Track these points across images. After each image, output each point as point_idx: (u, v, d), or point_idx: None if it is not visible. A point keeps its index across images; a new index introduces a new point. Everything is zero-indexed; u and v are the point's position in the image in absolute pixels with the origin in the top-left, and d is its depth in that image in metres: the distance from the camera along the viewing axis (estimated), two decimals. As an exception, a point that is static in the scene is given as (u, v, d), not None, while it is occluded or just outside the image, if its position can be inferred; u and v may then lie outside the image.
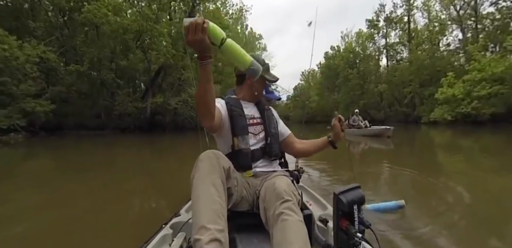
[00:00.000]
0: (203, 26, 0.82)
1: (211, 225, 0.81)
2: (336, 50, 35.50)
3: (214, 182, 0.90)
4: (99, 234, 2.02)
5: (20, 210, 2.63)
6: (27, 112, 10.48)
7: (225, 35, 0.88)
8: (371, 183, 3.53)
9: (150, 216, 2.52)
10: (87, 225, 2.23)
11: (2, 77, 9.91)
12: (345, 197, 0.87)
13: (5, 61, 9.51)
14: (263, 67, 1.28)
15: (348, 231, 0.85)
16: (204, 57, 0.89)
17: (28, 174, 4.79)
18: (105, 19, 12.41)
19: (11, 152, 7.93)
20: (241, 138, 1.23)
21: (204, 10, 21.59)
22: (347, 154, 5.79)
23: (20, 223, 2.27)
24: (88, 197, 3.11)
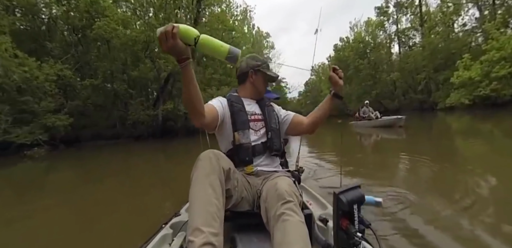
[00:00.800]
0: (173, 32, 0.84)
1: (205, 228, 0.81)
2: (346, 42, 34.75)
3: (212, 183, 0.90)
4: (105, 233, 2.23)
5: (41, 214, 3.01)
6: (48, 127, 11.21)
7: (198, 33, 0.91)
8: (376, 174, 3.49)
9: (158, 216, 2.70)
10: (97, 225, 2.47)
11: (24, 96, 10.69)
12: (345, 197, 0.87)
13: (26, 81, 10.25)
14: (263, 64, 1.38)
15: (348, 230, 0.85)
16: (181, 60, 0.91)
17: (51, 184, 5.28)
18: (114, 34, 13.03)
19: (36, 165, 8.53)
20: (242, 132, 1.24)
21: (210, 15, 21.98)
22: (341, 141, 5.81)
23: (41, 224, 2.63)
24: (101, 202, 3.38)
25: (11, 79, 9.69)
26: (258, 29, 40.65)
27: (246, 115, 1.29)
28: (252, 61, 1.40)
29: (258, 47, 36.14)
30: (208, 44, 0.91)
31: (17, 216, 3.00)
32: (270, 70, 1.41)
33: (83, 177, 5.95)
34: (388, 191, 2.65)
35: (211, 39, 0.92)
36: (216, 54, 0.93)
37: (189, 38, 0.89)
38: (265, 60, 1.42)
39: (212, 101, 1.27)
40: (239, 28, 31.69)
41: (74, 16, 14.16)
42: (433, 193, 2.53)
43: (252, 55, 1.44)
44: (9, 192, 4.84)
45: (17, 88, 10.47)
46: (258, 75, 1.38)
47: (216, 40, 0.93)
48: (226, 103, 1.31)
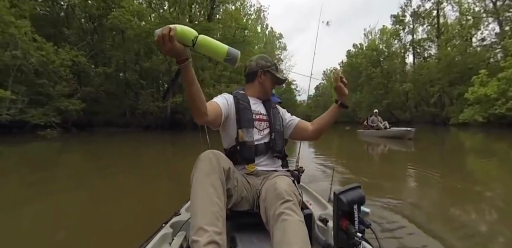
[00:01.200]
0: (170, 35, 0.84)
1: (209, 227, 0.81)
2: (359, 48, 34.31)
3: (214, 183, 0.91)
4: (107, 221, 2.28)
5: (48, 194, 3.16)
6: (61, 110, 11.59)
7: (196, 33, 0.90)
8: (378, 183, 3.45)
9: (162, 209, 2.75)
10: (100, 212, 2.54)
11: (41, 79, 11.09)
12: (345, 197, 0.87)
13: (43, 65, 10.61)
14: (273, 66, 1.39)
15: (348, 230, 0.85)
16: (181, 61, 0.91)
17: (62, 165, 5.50)
18: (128, 24, 13.31)
19: (48, 145, 8.83)
20: (246, 130, 1.25)
21: (224, 12, 22.13)
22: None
23: (48, 205, 2.74)
24: (107, 189, 3.49)
25: (29, 62, 10.07)
26: (271, 30, 40.58)
27: (251, 114, 1.30)
28: (261, 61, 1.41)
29: (270, 47, 36.13)
30: (207, 45, 0.90)
31: (26, 195, 3.16)
32: (279, 72, 1.42)
33: (91, 161, 6.13)
34: (387, 200, 2.62)
35: (209, 40, 0.91)
36: (215, 55, 0.92)
37: (187, 39, 0.88)
38: (274, 62, 1.43)
39: (216, 98, 1.27)
40: (253, 27, 31.81)
41: (92, 4, 14.55)
42: (437, 210, 2.46)
43: (262, 55, 1.45)
44: (23, 168, 5.10)
45: (35, 71, 10.87)
46: (267, 76, 1.39)
47: (215, 40, 0.92)
48: (232, 100, 1.31)
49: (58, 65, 11.04)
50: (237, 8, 23.16)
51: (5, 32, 9.31)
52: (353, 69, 34.06)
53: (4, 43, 9.56)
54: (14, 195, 3.14)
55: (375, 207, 2.37)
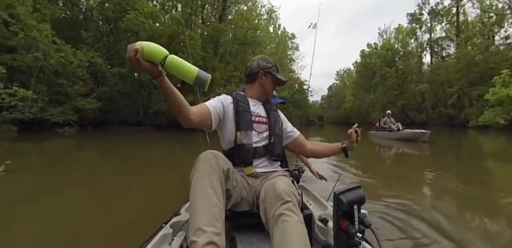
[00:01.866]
0: (136, 58, 0.85)
1: (208, 228, 0.82)
2: (373, 48, 33.50)
3: (213, 183, 0.91)
4: (115, 218, 2.38)
5: (62, 188, 3.38)
6: (79, 109, 12.17)
7: (166, 53, 0.89)
8: (388, 188, 3.32)
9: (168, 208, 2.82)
10: (108, 208, 2.66)
11: (60, 79, 11.70)
12: (345, 197, 0.87)
13: (62, 66, 11.19)
14: (273, 68, 1.37)
15: (348, 231, 0.85)
16: (154, 77, 0.92)
17: (77, 161, 5.79)
18: (142, 26, 13.74)
19: (66, 142, 9.29)
20: (245, 133, 1.23)
21: (235, 13, 22.33)
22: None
23: (61, 198, 2.95)
24: (114, 185, 3.65)
25: (49, 63, 10.65)
26: (284, 30, 40.39)
27: (250, 116, 1.29)
28: (262, 62, 1.39)
29: (282, 47, 35.99)
30: (176, 65, 0.90)
31: (43, 187, 3.41)
32: (280, 74, 1.40)
33: (103, 159, 6.38)
34: (392, 203, 2.58)
35: (179, 61, 0.91)
36: (184, 77, 0.91)
37: (155, 58, 0.88)
38: (275, 64, 1.41)
39: (210, 101, 1.27)
40: (265, 28, 31.86)
41: (108, 7, 15.14)
42: (448, 217, 2.27)
43: (263, 56, 1.42)
44: (42, 163, 5.43)
45: (55, 71, 11.48)
46: (268, 77, 1.37)
47: (185, 62, 0.91)
48: (230, 101, 1.31)
49: (76, 66, 11.61)
50: (249, 8, 23.28)
51: (28, 36, 9.92)
52: (367, 69, 33.34)
53: (27, 46, 10.18)
54: (31, 187, 3.37)
55: (379, 209, 2.34)
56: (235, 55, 20.39)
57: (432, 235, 1.85)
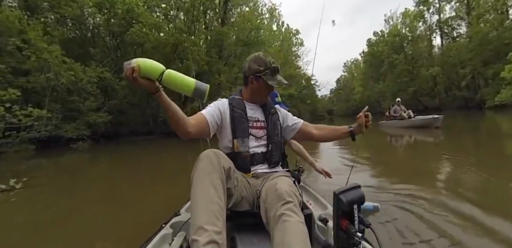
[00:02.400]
0: (133, 76, 0.86)
1: (209, 226, 0.81)
2: (380, 36, 32.75)
3: (214, 182, 0.90)
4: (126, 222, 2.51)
5: (77, 199, 3.59)
6: (91, 124, 12.63)
7: (163, 68, 0.90)
8: (396, 179, 3.19)
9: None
10: (120, 213, 2.82)
11: (72, 97, 12.20)
12: (345, 197, 0.87)
13: (73, 83, 11.68)
14: (266, 70, 1.24)
15: (348, 230, 0.85)
16: (151, 93, 0.93)
17: (91, 172, 6.11)
18: (146, 38, 14.11)
19: (80, 156, 9.67)
20: (241, 140, 1.21)
21: (238, 15, 22.44)
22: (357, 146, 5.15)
23: (75, 208, 3.13)
24: (124, 192, 3.85)
25: (60, 82, 11.14)
26: (287, 27, 40.18)
27: (247, 122, 1.24)
28: (254, 64, 1.27)
29: (287, 45, 35.83)
30: (174, 80, 0.91)
31: (59, 197, 3.70)
32: (274, 76, 1.26)
33: (115, 169, 6.63)
34: (399, 195, 2.49)
35: (176, 75, 0.91)
36: (182, 90, 0.92)
37: (152, 75, 0.89)
38: (271, 63, 1.26)
39: (206, 109, 1.24)
40: (268, 26, 31.84)
41: (114, 23, 15.64)
42: (462, 211, 2.09)
43: (257, 56, 1.30)
44: (58, 177, 5.75)
45: (67, 89, 11.99)
46: (259, 81, 1.26)
47: (182, 76, 0.92)
48: (227, 106, 1.27)
49: (86, 83, 12.07)
50: (250, 9, 23.35)
51: (40, 58, 10.43)
52: (375, 58, 32.66)
53: (39, 68, 10.69)
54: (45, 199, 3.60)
55: (390, 202, 2.29)
56: (239, 57, 20.50)
57: (444, 234, 1.73)
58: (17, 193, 3.86)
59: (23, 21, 10.83)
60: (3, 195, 3.74)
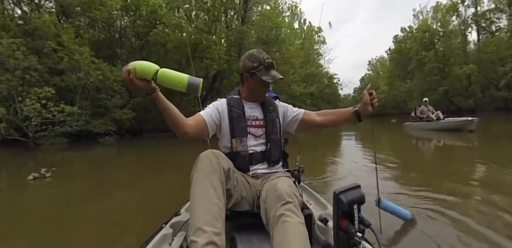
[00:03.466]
0: (130, 78, 0.90)
1: (208, 228, 0.81)
2: (408, 32, 30.96)
3: (213, 183, 0.90)
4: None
5: (102, 191, 3.83)
6: (116, 120, 13.44)
7: (157, 68, 0.94)
8: (431, 185, 2.84)
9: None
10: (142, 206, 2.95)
11: (100, 94, 13.08)
12: (345, 197, 0.87)
13: (101, 82, 12.53)
14: (260, 66, 1.23)
15: (348, 230, 0.85)
16: (149, 93, 0.97)
17: (115, 167, 6.47)
18: (167, 38, 14.69)
19: (107, 150, 10.31)
20: (239, 140, 1.21)
21: (258, 14, 22.48)
22: (372, 134, 4.70)
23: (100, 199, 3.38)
24: (142, 185, 4.02)
25: (89, 81, 12.00)
26: (309, 24, 39.48)
27: (245, 122, 1.25)
28: (248, 62, 1.27)
29: (309, 43, 35.25)
30: (167, 77, 0.94)
31: (81, 186, 4.14)
32: (268, 72, 1.25)
33: (139, 163, 6.94)
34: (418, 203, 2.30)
35: (169, 73, 0.95)
36: (176, 87, 0.95)
37: (147, 75, 0.93)
38: (264, 59, 1.25)
39: (205, 110, 1.26)
40: (289, 24, 31.53)
41: (139, 24, 16.47)
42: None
43: (251, 53, 1.30)
44: (85, 168, 6.21)
45: (96, 87, 12.89)
46: (254, 78, 1.26)
47: (175, 73, 0.95)
48: (225, 107, 1.27)
49: (112, 82, 12.85)
50: (271, 8, 23.25)
51: (72, 59, 11.31)
52: (402, 55, 30.97)
53: (71, 68, 11.60)
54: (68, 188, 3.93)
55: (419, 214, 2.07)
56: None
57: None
58: (47, 181, 4.28)
59: (58, 25, 11.83)
60: (35, 181, 4.20)
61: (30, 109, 9.68)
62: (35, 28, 11.27)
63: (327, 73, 37.26)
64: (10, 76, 9.71)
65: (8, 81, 9.62)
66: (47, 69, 11.31)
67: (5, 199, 3.57)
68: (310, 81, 29.35)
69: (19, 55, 9.80)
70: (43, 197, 3.59)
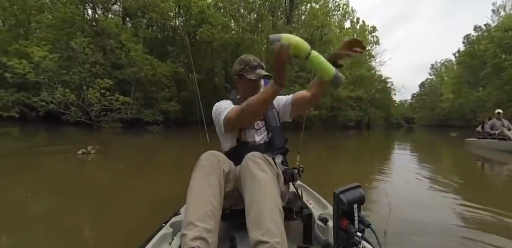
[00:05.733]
0: (282, 51, 0.89)
1: (199, 223, 0.81)
2: (484, 31, 26.41)
3: (211, 183, 0.92)
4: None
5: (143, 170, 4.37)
6: (164, 111, 14.83)
7: (309, 48, 0.93)
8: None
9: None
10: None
11: (151, 87, 14.60)
12: (345, 196, 0.88)
13: (152, 76, 13.99)
14: (246, 67, 1.30)
15: (348, 230, 0.86)
16: (280, 84, 0.97)
17: (160, 153, 7.08)
18: (213, 37, 15.55)
19: (154, 137, 11.37)
20: (248, 131, 1.28)
21: (306, 12, 22.07)
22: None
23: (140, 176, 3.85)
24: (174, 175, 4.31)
25: (142, 75, 13.52)
26: (363, 24, 37.01)
27: None
28: (237, 65, 1.35)
29: (359, 42, 33.09)
30: (318, 62, 0.94)
31: (118, 164, 4.75)
32: (254, 71, 1.31)
33: (180, 152, 7.54)
34: None
35: (320, 58, 0.95)
36: (323, 73, 0.95)
37: (302, 53, 0.92)
38: (250, 61, 1.33)
39: (228, 104, 1.31)
40: (339, 23, 30.09)
41: (189, 23, 17.82)
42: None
43: (240, 58, 1.38)
44: (128, 152, 7.02)
45: (148, 81, 14.44)
46: (242, 79, 1.34)
47: (324, 60, 0.96)
48: (231, 104, 1.34)
49: (161, 76, 14.22)
50: (320, 6, 22.56)
51: (128, 55, 12.90)
52: (474, 58, 26.61)
53: (128, 63, 13.24)
54: (104, 164, 4.56)
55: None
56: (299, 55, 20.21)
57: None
58: (91, 157, 5.10)
59: (119, 26, 13.62)
60: (82, 156, 5.09)
61: (92, 97, 11.41)
62: (102, 28, 13.19)
63: (380, 76, 34.34)
64: (81, 69, 11.61)
65: (79, 72, 11.52)
66: (110, 63, 13.14)
67: (56, 166, 4.50)
68: (359, 84, 27.48)
69: (88, 51, 11.61)
70: (80, 169, 4.28)
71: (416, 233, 1.90)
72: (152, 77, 14.04)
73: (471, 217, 2.25)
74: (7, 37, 13.09)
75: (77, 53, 11.61)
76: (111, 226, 2.06)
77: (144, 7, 14.81)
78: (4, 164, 4.46)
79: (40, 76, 11.12)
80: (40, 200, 2.68)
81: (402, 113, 51.71)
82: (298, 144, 1.60)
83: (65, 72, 11.83)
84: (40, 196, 2.82)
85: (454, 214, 2.38)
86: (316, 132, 18.51)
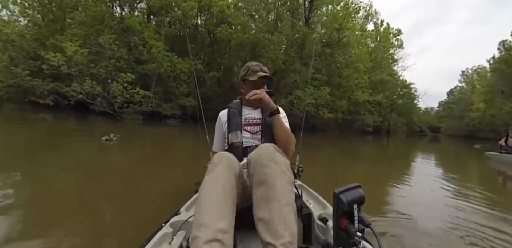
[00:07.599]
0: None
1: (213, 224, 0.77)
2: (523, 37, 24.41)
3: (225, 185, 0.90)
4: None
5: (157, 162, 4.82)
6: (181, 106, 15.49)
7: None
8: None
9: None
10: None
11: (171, 83, 15.30)
12: (345, 196, 0.87)
13: (171, 72, 14.70)
14: (248, 72, 1.42)
15: (347, 230, 0.85)
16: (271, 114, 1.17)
17: (175, 144, 7.67)
18: (230, 36, 15.97)
19: (171, 130, 11.97)
20: (234, 133, 1.33)
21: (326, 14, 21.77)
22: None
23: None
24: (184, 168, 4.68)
25: (162, 70, 14.25)
26: (387, 26, 35.76)
27: (240, 118, 1.38)
28: (241, 71, 1.47)
29: (382, 46, 32.03)
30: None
31: (132, 157, 5.08)
32: (254, 74, 1.41)
33: (193, 147, 7.97)
34: None
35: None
36: None
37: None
38: (252, 65, 1.43)
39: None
40: (361, 25, 29.30)
41: (210, 22, 18.37)
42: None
43: (245, 65, 1.50)
44: (145, 142, 7.62)
45: (168, 76, 15.15)
46: (245, 83, 1.44)
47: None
48: (226, 112, 1.46)
49: (180, 72, 14.88)
50: (341, 7, 22.17)
51: (150, 51, 13.67)
52: (510, 67, 24.67)
53: (150, 59, 14.01)
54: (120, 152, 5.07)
55: None
56: (319, 57, 20.01)
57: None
58: (112, 143, 5.72)
59: (142, 24, 14.43)
60: (105, 142, 5.71)
61: (116, 89, 12.27)
62: (128, 26, 14.07)
63: (403, 82, 32.92)
64: (107, 63, 12.53)
65: (105, 67, 12.45)
66: (134, 58, 13.99)
67: (83, 149, 5.19)
68: (378, 88, 26.60)
69: (114, 47, 12.50)
70: (102, 153, 4.85)
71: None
72: (171, 73, 14.74)
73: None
74: (46, 31, 14.39)
75: (104, 49, 12.55)
76: (125, 205, 2.38)
77: (167, 5, 15.54)
78: (41, 144, 5.20)
79: (72, 69, 12.18)
80: (68, 176, 3.19)
81: (427, 122, 49.11)
82: (298, 144, 1.63)
83: (93, 66, 12.86)
84: (68, 172, 3.34)
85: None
86: (332, 135, 18.30)
